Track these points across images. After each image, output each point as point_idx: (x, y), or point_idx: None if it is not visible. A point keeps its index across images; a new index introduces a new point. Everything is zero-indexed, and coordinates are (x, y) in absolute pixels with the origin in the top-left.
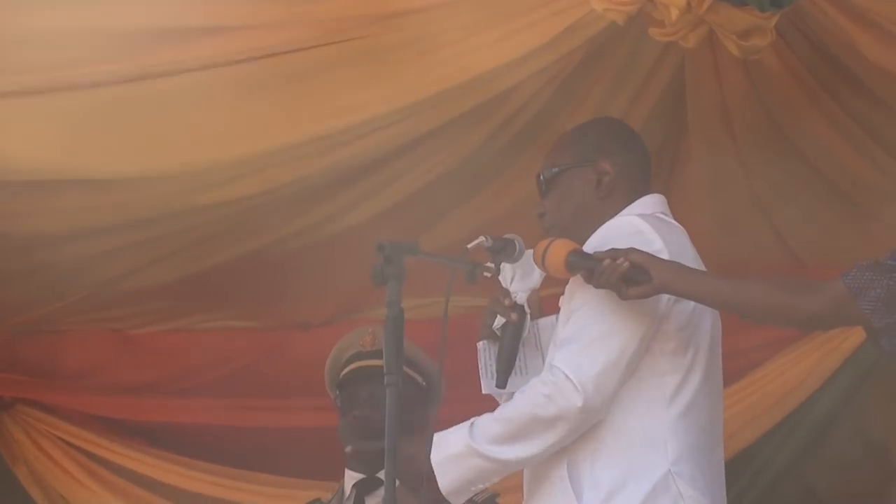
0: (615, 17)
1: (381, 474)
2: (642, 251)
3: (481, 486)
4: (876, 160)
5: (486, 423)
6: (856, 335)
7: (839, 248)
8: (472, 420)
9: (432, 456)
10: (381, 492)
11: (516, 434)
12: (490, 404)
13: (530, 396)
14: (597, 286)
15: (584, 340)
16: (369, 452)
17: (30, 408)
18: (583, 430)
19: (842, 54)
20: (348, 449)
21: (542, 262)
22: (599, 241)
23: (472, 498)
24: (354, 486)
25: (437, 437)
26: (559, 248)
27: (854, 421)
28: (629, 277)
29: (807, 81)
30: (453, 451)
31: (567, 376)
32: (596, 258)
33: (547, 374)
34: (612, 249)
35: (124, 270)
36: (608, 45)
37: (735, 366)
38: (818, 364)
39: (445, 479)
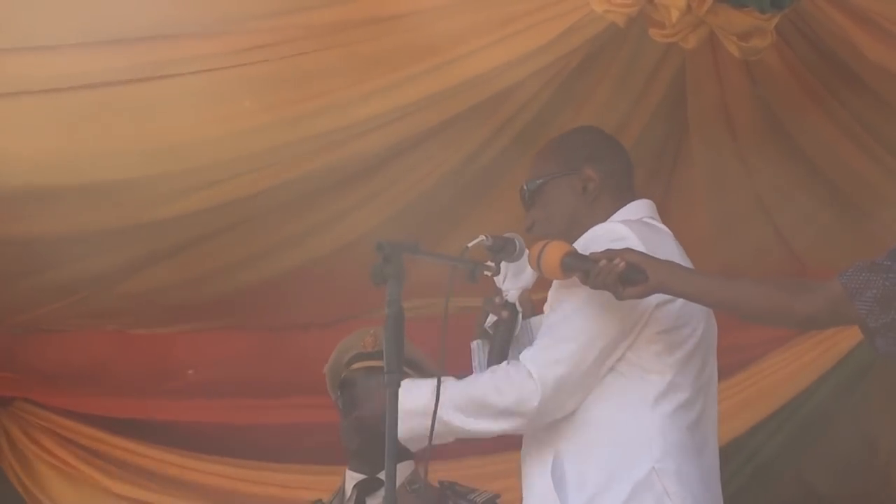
0: (615, 18)
1: (383, 475)
2: (638, 251)
3: (435, 443)
4: (877, 160)
5: (452, 391)
6: (854, 334)
7: (839, 248)
8: (441, 379)
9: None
10: (383, 492)
11: (472, 410)
12: None
13: (493, 382)
14: (593, 287)
15: (552, 339)
16: (370, 452)
17: (28, 404)
18: (538, 424)
19: (842, 54)
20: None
21: (537, 264)
22: (581, 248)
23: (472, 498)
24: (355, 486)
25: (405, 385)
26: (554, 250)
27: (852, 420)
28: (626, 277)
29: (807, 81)
30: (414, 407)
31: (529, 373)
32: (592, 259)
33: (513, 366)
34: (609, 250)
35: (124, 271)
36: (609, 46)
37: (733, 361)
38: (815, 360)
39: (403, 427)
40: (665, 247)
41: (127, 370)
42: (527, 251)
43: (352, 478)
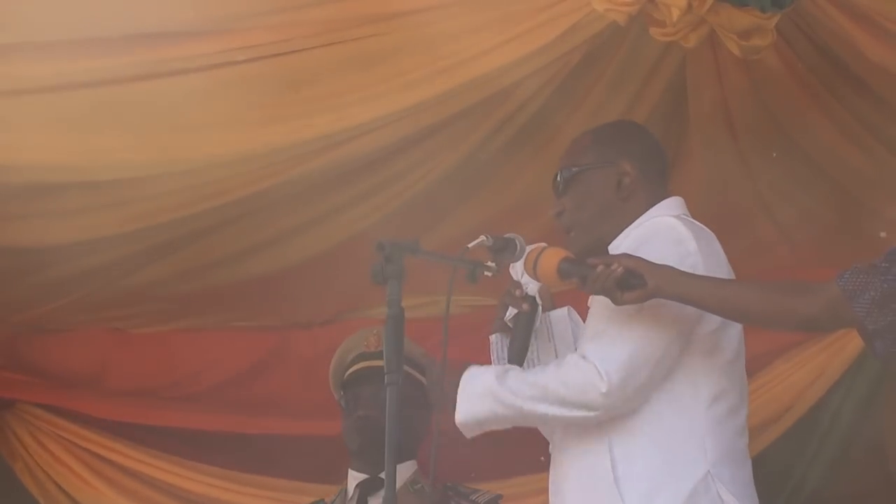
0: (616, 17)
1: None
2: (635, 256)
3: (493, 428)
4: (878, 158)
5: (518, 383)
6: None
7: (840, 247)
8: (506, 368)
9: (459, 390)
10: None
11: (544, 399)
12: None
13: (562, 377)
14: (591, 292)
15: (617, 337)
16: (372, 452)
17: (32, 406)
18: (606, 418)
19: (843, 54)
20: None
21: (533, 270)
22: (638, 241)
23: (475, 499)
24: (357, 486)
25: (469, 371)
26: (551, 256)
27: (865, 425)
28: (624, 282)
29: (808, 81)
30: (477, 391)
31: (596, 369)
32: (589, 264)
33: (580, 361)
34: (607, 255)
35: (124, 269)
36: (609, 44)
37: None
38: (826, 366)
39: (467, 410)
40: (713, 247)
41: (127, 370)
42: (529, 248)
43: (354, 477)
